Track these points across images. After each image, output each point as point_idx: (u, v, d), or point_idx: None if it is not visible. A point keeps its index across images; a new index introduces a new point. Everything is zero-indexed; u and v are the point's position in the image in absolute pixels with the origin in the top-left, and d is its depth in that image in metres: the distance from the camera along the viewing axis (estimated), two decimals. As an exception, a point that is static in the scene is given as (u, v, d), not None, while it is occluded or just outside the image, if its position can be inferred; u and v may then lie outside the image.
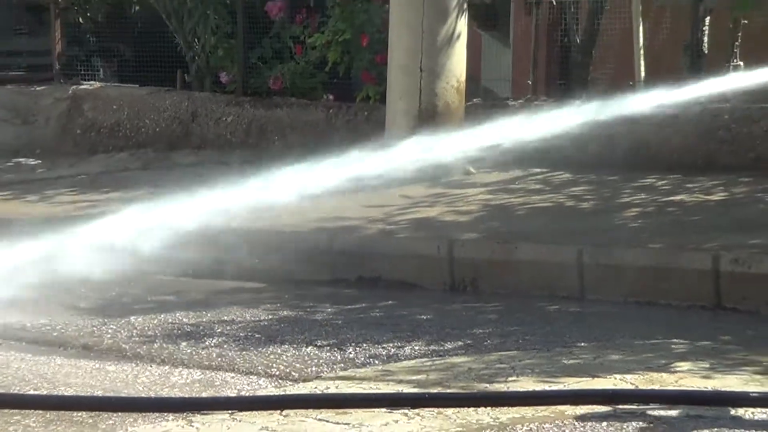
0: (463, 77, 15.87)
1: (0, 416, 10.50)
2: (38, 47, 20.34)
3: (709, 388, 10.00)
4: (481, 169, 16.25)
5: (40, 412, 10.64)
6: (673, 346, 11.13)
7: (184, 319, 13.02)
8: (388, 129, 15.21)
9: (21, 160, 18.67)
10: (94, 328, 12.72)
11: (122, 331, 12.69)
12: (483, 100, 18.01)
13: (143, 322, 12.82)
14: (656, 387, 10.24)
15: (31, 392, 11.14)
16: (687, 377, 10.05)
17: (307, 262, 13.70)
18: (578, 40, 17.82)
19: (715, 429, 9.28)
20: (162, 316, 13.09)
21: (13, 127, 19.33)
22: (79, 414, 10.61)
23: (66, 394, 11.11)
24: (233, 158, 12.34)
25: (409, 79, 15.81)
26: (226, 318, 13.02)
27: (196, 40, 18.68)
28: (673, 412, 9.59)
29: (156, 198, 13.03)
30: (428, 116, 15.25)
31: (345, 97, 17.85)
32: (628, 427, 9.86)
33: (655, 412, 9.85)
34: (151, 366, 11.86)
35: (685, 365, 10.50)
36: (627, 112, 13.99)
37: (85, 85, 19.21)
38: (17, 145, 19.04)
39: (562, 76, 16.44)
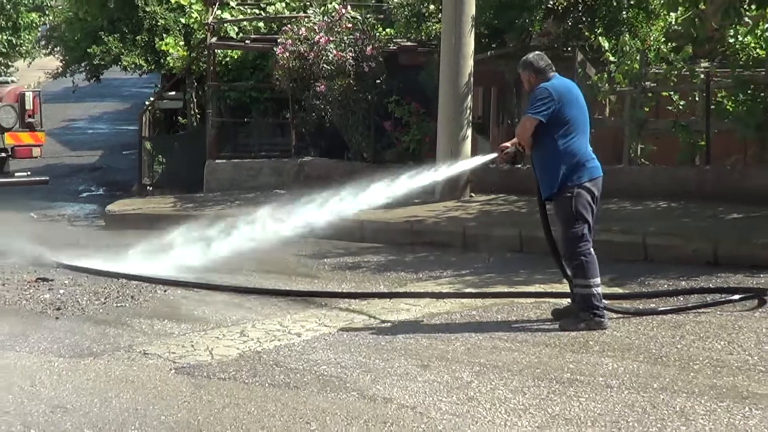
0: (469, 155, 15.67)
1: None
2: (285, 142, 20.20)
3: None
4: (477, 194, 16.11)
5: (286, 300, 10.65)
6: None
7: (347, 260, 12.93)
8: (437, 178, 15.08)
9: (276, 190, 18.54)
10: (306, 263, 12.66)
11: (316, 265, 12.62)
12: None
13: (327, 261, 12.75)
14: (555, 290, 10.16)
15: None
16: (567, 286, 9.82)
17: (399, 234, 13.61)
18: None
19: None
20: (334, 259, 12.99)
21: (273, 177, 19.18)
22: (287, 299, 10.57)
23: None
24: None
25: (446, 157, 15.66)
26: (364, 259, 12.90)
27: (352, 139, 18.56)
28: (562, 301, 9.51)
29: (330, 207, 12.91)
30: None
31: (417, 162, 17.65)
32: (542, 306, 9.79)
33: (554, 300, 9.79)
34: (327, 282, 11.88)
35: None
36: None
37: (305, 158, 19.09)
38: (275, 185, 18.85)
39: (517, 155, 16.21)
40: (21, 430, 6.77)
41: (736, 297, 9.64)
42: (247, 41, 20.56)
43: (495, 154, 9.93)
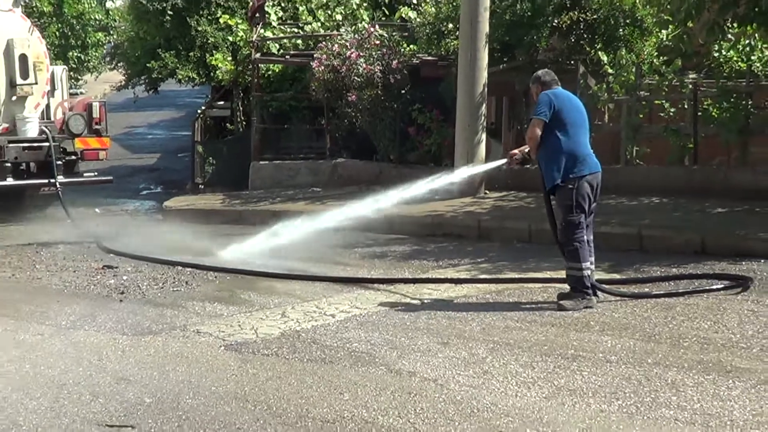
0: (483, 157, 15.69)
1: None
2: (321, 145, 20.09)
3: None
4: (491, 191, 16.05)
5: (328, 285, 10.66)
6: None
7: (376, 249, 12.89)
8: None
9: (313, 188, 18.51)
10: (336, 253, 12.64)
11: (348, 254, 12.60)
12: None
13: (358, 251, 12.72)
14: (560, 276, 10.09)
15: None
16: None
17: (422, 227, 13.53)
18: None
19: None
20: (365, 249, 12.93)
21: (310, 177, 19.14)
22: (322, 284, 10.62)
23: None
24: (394, 187, 12.28)
25: (463, 159, 15.64)
26: (391, 249, 12.83)
27: (380, 142, 18.52)
28: (566, 286, 9.47)
29: (363, 203, 12.85)
30: (470, 172, 15.14)
31: (437, 164, 17.56)
32: (548, 290, 9.77)
33: (559, 285, 9.75)
34: (358, 269, 11.84)
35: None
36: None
37: (339, 160, 19.05)
38: (312, 183, 18.84)
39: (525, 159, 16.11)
40: (89, 398, 6.82)
41: (719, 286, 9.62)
42: (287, 56, 20.60)
43: (506, 160, 10.20)
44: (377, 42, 18.38)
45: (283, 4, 22.65)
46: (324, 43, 19.02)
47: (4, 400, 6.87)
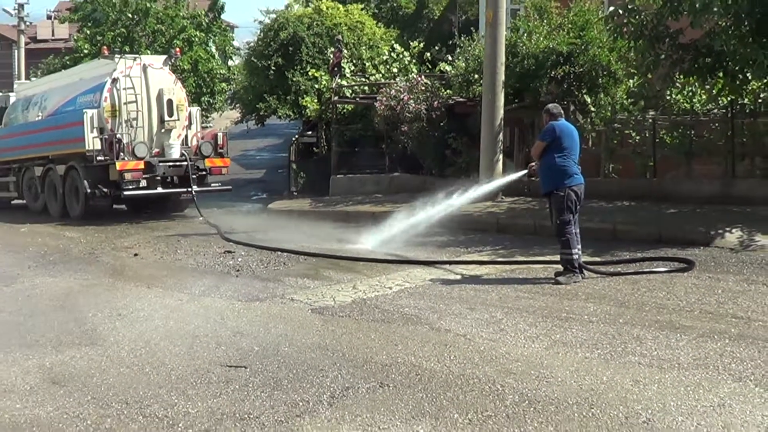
0: (501, 171, 15.53)
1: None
2: (381, 163, 19.92)
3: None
4: (506, 197, 15.90)
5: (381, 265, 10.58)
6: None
7: (421, 239, 12.76)
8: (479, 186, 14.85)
9: (375, 195, 18.44)
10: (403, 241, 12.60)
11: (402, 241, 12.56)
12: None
13: (407, 240, 12.70)
14: (557, 260, 9.98)
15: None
16: (563, 256, 9.64)
17: (455, 223, 13.38)
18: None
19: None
20: (413, 239, 12.88)
21: (374, 186, 19.04)
22: (383, 265, 10.54)
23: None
24: (435, 193, 12.15)
25: (486, 173, 15.49)
26: (432, 239, 12.59)
27: (425, 161, 18.42)
28: (561, 266, 9.38)
29: (410, 205, 12.77)
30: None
31: (467, 176, 17.39)
32: (548, 269, 9.68)
33: (556, 266, 9.65)
34: (407, 254, 11.80)
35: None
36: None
37: (395, 174, 18.92)
38: (375, 191, 18.72)
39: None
40: (215, 346, 6.90)
41: (664, 269, 9.53)
42: (357, 99, 20.65)
43: (526, 171, 10.26)
44: (423, 88, 18.37)
45: (354, 61, 22.88)
46: (384, 89, 19.04)
47: (155, 346, 7.00)
